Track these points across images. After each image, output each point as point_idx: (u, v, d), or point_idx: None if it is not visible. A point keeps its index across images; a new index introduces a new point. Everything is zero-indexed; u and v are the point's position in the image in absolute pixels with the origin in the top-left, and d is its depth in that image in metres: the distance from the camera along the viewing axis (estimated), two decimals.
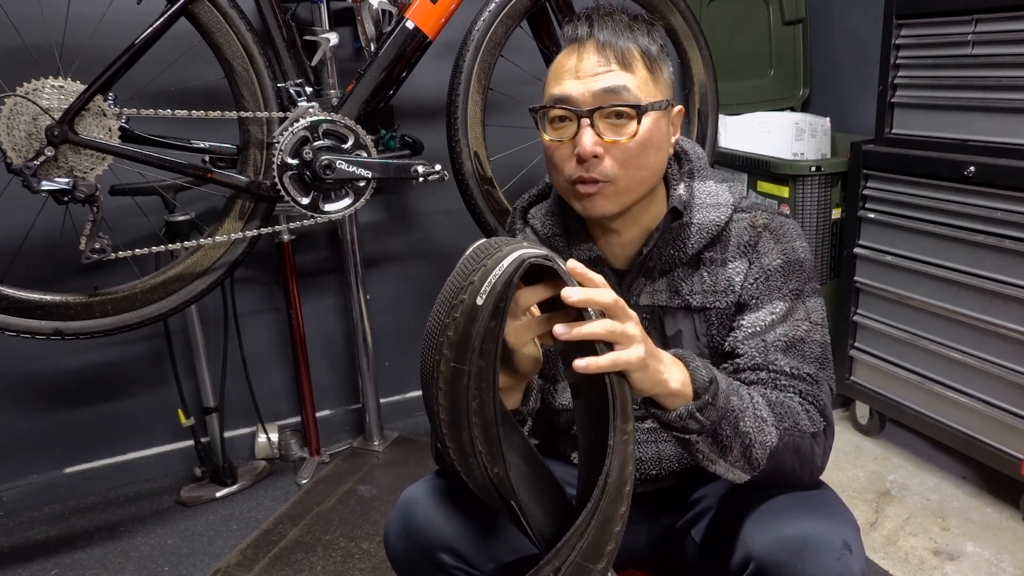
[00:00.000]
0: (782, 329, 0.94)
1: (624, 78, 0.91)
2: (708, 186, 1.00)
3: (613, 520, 0.74)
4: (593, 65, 0.92)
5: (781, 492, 0.90)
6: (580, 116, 0.91)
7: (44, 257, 1.72)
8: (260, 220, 1.59)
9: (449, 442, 0.73)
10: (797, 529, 0.83)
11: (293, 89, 1.58)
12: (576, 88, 0.92)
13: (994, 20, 1.55)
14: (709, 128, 1.97)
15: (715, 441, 0.83)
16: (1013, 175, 1.52)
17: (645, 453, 1.05)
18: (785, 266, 0.96)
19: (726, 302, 0.98)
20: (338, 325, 2.16)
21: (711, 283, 0.99)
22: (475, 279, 0.70)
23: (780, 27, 2.42)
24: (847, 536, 0.83)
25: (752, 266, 0.97)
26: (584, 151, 0.91)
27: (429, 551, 0.96)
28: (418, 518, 0.97)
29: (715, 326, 0.99)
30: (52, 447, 1.95)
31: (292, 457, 2.07)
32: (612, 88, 0.91)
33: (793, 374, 0.92)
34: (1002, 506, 1.69)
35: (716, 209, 0.98)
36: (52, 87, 1.34)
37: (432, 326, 0.72)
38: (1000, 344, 1.61)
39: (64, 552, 1.74)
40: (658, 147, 0.94)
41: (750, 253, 0.98)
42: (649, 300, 1.01)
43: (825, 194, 1.98)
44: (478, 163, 1.69)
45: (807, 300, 0.97)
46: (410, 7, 1.61)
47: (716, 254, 0.99)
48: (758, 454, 0.85)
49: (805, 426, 0.88)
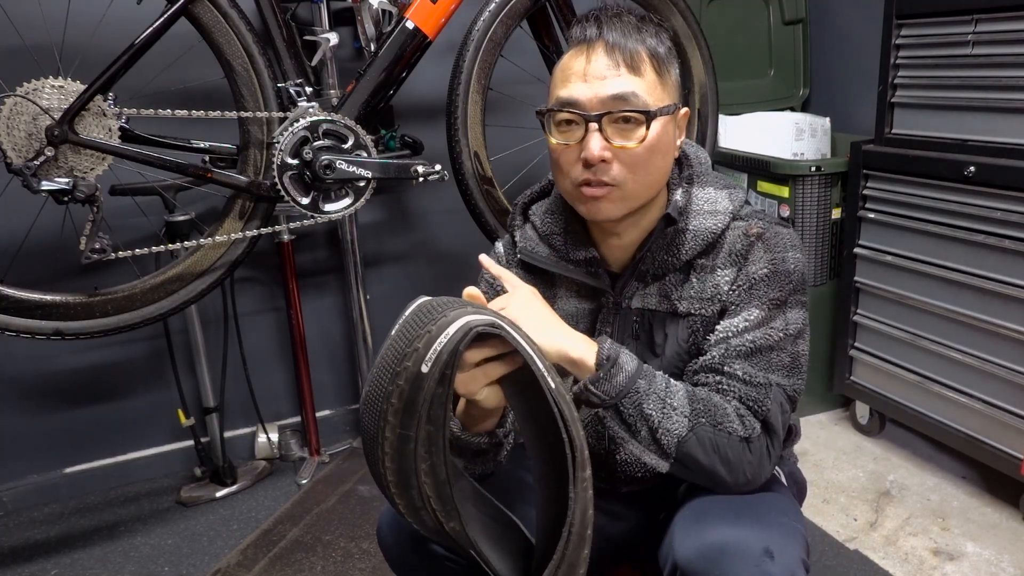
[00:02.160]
0: (751, 336, 0.93)
1: (633, 83, 0.90)
2: (707, 193, 0.99)
3: (578, 565, 0.74)
4: (602, 68, 0.91)
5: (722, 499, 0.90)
6: (588, 120, 0.90)
7: (44, 257, 1.72)
8: (260, 220, 1.59)
9: (398, 499, 0.72)
10: (718, 536, 0.83)
11: (293, 89, 1.58)
12: (584, 92, 0.91)
13: (994, 20, 1.55)
14: (709, 128, 1.97)
15: (620, 419, 0.88)
16: (1013, 175, 1.52)
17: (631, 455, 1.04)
18: (770, 276, 0.94)
19: (712, 310, 0.97)
20: (338, 325, 2.16)
21: (699, 290, 0.98)
22: (419, 346, 0.68)
23: (780, 27, 2.42)
24: (772, 543, 0.82)
25: (740, 274, 0.96)
26: (592, 156, 0.90)
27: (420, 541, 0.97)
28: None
29: (700, 333, 0.98)
30: (52, 447, 1.95)
31: (292, 457, 2.07)
32: (621, 94, 0.90)
33: (744, 380, 0.91)
34: (1002, 506, 1.69)
35: (713, 216, 0.97)
36: (52, 87, 1.34)
37: (374, 391, 0.69)
38: (1000, 344, 1.61)
39: (64, 552, 1.74)
40: (665, 152, 0.94)
41: (740, 261, 0.96)
42: (640, 303, 1.01)
43: (825, 194, 1.98)
44: (478, 163, 1.69)
45: (788, 311, 0.95)
46: (410, 7, 1.61)
47: (708, 261, 0.98)
48: (665, 440, 0.87)
49: (732, 428, 0.88)
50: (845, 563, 1.55)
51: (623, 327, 1.02)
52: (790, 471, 1.12)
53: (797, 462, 1.18)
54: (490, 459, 0.97)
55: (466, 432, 0.93)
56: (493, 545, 0.78)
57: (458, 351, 0.68)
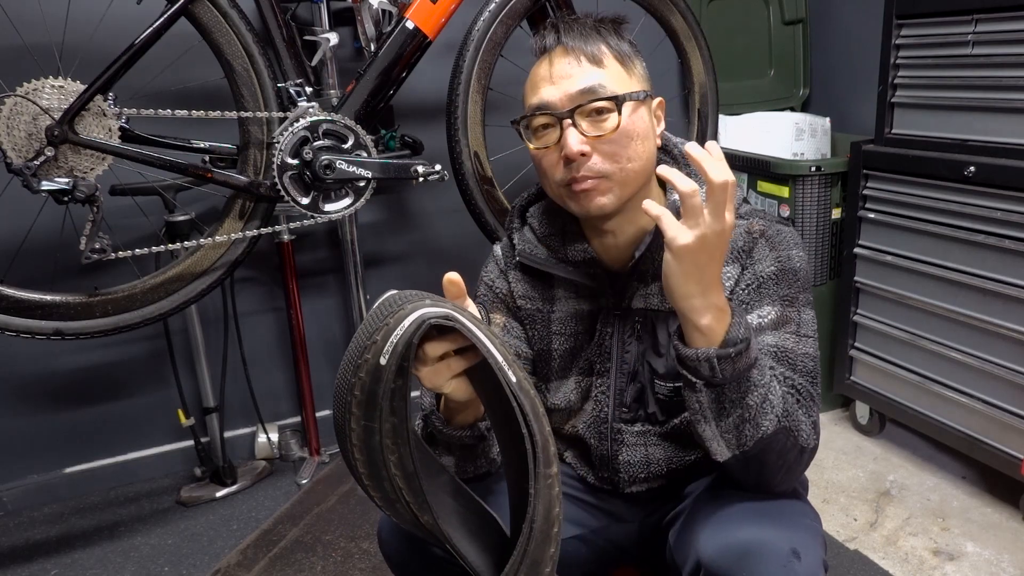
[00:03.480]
0: (772, 339, 0.93)
1: (597, 75, 0.92)
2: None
3: (542, 563, 0.73)
4: (565, 68, 0.93)
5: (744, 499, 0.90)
6: (561, 118, 0.92)
7: (44, 257, 1.72)
8: (260, 220, 1.59)
9: (373, 491, 0.73)
10: (745, 536, 0.83)
11: (293, 89, 1.58)
12: (553, 93, 0.93)
13: (994, 20, 1.55)
14: (709, 128, 1.97)
15: (717, 400, 0.83)
16: (1013, 175, 1.52)
17: (634, 456, 1.05)
18: (778, 274, 0.95)
19: None
20: (338, 325, 2.16)
21: None
22: (378, 338, 0.69)
23: (780, 27, 2.42)
24: (798, 544, 0.82)
25: (745, 272, 0.96)
26: (571, 151, 0.91)
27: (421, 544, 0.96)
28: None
29: None
30: (52, 447, 1.95)
31: (292, 457, 2.07)
32: (588, 87, 0.91)
33: (789, 385, 0.90)
34: (1002, 506, 1.69)
35: None
36: (52, 87, 1.34)
37: (340, 384, 0.71)
38: (1000, 344, 1.61)
39: (64, 552, 1.74)
40: (643, 136, 0.94)
41: (743, 259, 0.97)
42: (642, 304, 1.01)
43: (825, 194, 1.98)
44: (478, 163, 1.69)
45: (801, 311, 0.95)
46: (410, 7, 1.61)
47: None
48: (749, 433, 0.84)
49: (802, 439, 0.87)
50: (845, 563, 1.55)
51: (624, 328, 1.02)
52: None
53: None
54: (479, 455, 0.97)
55: (448, 426, 0.93)
56: (470, 540, 0.78)
57: (412, 343, 0.69)
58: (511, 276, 1.09)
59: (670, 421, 1.03)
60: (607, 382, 1.04)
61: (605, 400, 1.05)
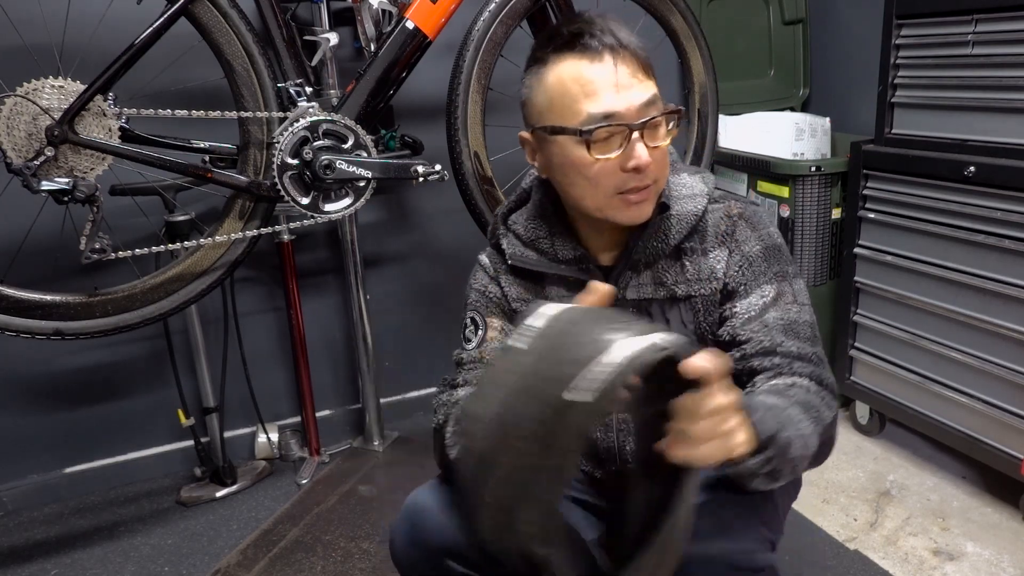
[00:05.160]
0: (775, 313, 0.97)
1: (651, 86, 0.94)
2: (682, 179, 1.03)
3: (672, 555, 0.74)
4: (626, 77, 0.92)
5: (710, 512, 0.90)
6: (634, 130, 0.91)
7: (44, 257, 1.72)
8: (260, 220, 1.59)
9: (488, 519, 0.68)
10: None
11: (293, 89, 1.58)
12: (620, 103, 0.91)
13: (994, 20, 1.55)
14: (709, 128, 1.97)
15: (771, 477, 0.85)
16: (1013, 175, 1.52)
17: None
18: (765, 251, 1.00)
19: (710, 288, 1.01)
20: (338, 325, 2.16)
21: (694, 272, 1.01)
22: (574, 372, 0.61)
23: (780, 27, 2.42)
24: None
25: (732, 254, 1.00)
26: (645, 162, 0.92)
27: (437, 558, 0.96)
28: (426, 524, 0.97)
29: (701, 313, 1.02)
30: (52, 447, 1.95)
31: (292, 457, 2.07)
32: (650, 100, 0.93)
33: (801, 355, 0.95)
34: (1002, 506, 1.69)
35: (693, 200, 1.01)
36: (52, 87, 1.34)
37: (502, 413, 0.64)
38: (1000, 344, 1.61)
39: (64, 552, 1.74)
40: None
41: (728, 242, 1.01)
42: (636, 294, 1.03)
43: (825, 194, 1.98)
44: (478, 163, 1.69)
45: (792, 282, 1.00)
46: (410, 7, 1.61)
47: (696, 244, 1.02)
48: (801, 469, 0.90)
49: (826, 415, 0.91)
50: (845, 563, 1.54)
51: None
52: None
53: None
54: None
55: None
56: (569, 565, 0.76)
57: (623, 381, 0.62)
58: (503, 280, 1.10)
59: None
60: None
61: None
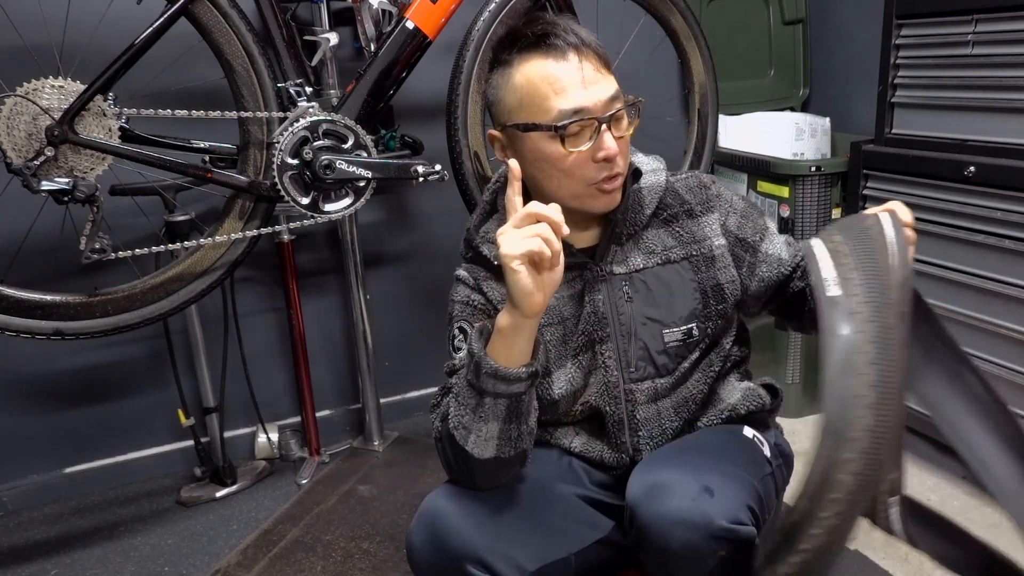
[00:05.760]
0: (787, 252, 1.14)
1: (613, 81, 1.00)
2: (639, 158, 1.12)
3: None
4: (591, 73, 0.98)
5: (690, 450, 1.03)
6: (602, 123, 0.98)
7: (44, 257, 1.72)
8: (260, 220, 1.59)
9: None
10: (662, 475, 0.93)
11: (293, 89, 1.58)
12: (588, 98, 0.97)
13: (994, 20, 1.55)
14: (709, 128, 1.97)
15: None
16: (1013, 175, 1.52)
17: (648, 412, 1.10)
18: (746, 202, 1.14)
19: (707, 246, 1.09)
20: (338, 325, 2.16)
21: (687, 235, 1.09)
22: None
23: (780, 27, 2.42)
24: (712, 483, 0.90)
25: (729, 215, 1.12)
26: (614, 151, 0.98)
27: (457, 562, 0.95)
28: (446, 528, 0.97)
29: (702, 268, 1.09)
30: (52, 447, 1.95)
31: (292, 457, 2.07)
32: (614, 94, 0.99)
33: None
34: None
35: (656, 173, 1.10)
36: (52, 87, 1.34)
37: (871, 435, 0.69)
38: (1000, 344, 1.61)
39: (64, 552, 1.74)
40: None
41: (717, 205, 1.12)
42: (624, 268, 1.08)
43: (825, 194, 1.98)
44: (478, 163, 1.69)
45: (770, 221, 1.17)
46: (410, 7, 1.61)
47: (675, 210, 1.11)
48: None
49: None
50: (845, 563, 1.54)
51: (612, 292, 1.08)
52: (776, 442, 1.16)
53: (783, 433, 1.23)
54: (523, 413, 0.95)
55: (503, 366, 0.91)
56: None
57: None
58: (485, 287, 1.11)
59: (679, 367, 1.09)
60: (610, 346, 1.08)
61: (613, 364, 1.08)
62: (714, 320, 1.09)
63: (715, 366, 1.12)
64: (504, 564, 0.96)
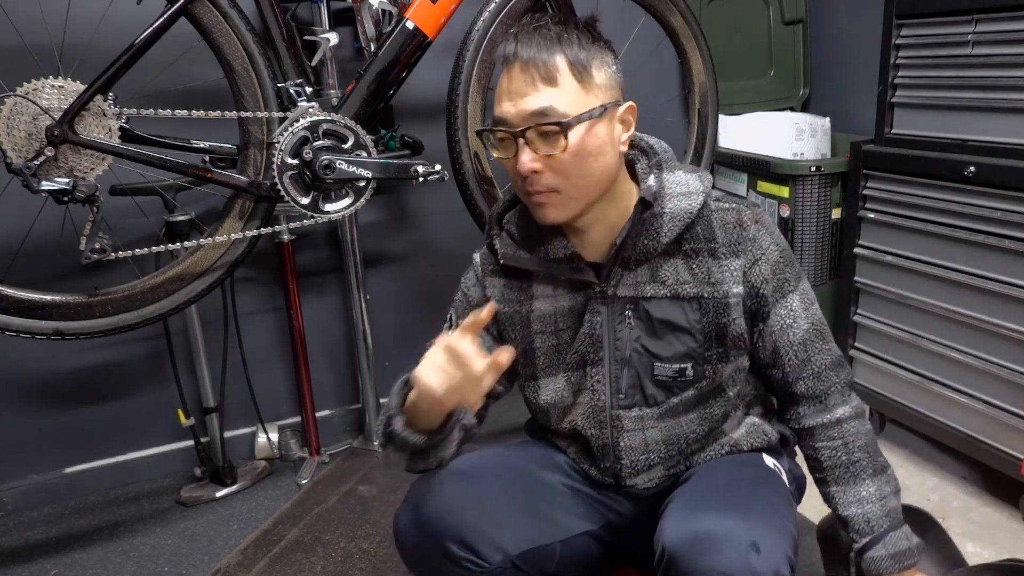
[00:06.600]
0: (807, 322, 1.05)
1: (549, 96, 0.93)
2: (677, 176, 1.03)
3: None
4: (521, 86, 0.94)
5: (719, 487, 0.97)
6: (515, 136, 0.95)
7: (44, 257, 1.72)
8: (260, 220, 1.58)
9: None
10: (705, 525, 0.88)
11: (293, 89, 1.58)
12: (510, 110, 0.95)
13: (994, 20, 1.55)
14: (709, 128, 1.97)
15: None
16: (1013, 175, 1.52)
17: (634, 441, 1.07)
18: (782, 257, 1.04)
19: (723, 291, 1.01)
20: (338, 325, 2.16)
21: (703, 274, 1.02)
22: None
23: (780, 27, 2.42)
24: (758, 537, 0.86)
25: (758, 263, 1.02)
26: (523, 169, 0.95)
27: (439, 542, 0.97)
28: (428, 509, 0.99)
29: (711, 314, 1.02)
30: (52, 447, 1.95)
31: (292, 457, 2.07)
32: (539, 109, 0.93)
33: (831, 363, 1.07)
34: (1002, 506, 1.69)
35: (688, 198, 1.01)
36: (52, 87, 1.34)
37: None
38: (1000, 344, 1.61)
39: (64, 552, 1.74)
40: (598, 153, 0.96)
41: (748, 249, 1.02)
42: (631, 291, 1.03)
43: (825, 194, 1.98)
44: (478, 163, 1.69)
45: (803, 281, 1.07)
46: (410, 7, 1.61)
47: (701, 245, 1.02)
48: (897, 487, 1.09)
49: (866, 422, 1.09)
50: None
51: (613, 316, 1.04)
52: (789, 468, 1.14)
53: (796, 457, 1.19)
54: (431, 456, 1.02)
55: (407, 430, 0.99)
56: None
57: None
58: (488, 283, 1.12)
59: (668, 401, 1.05)
60: (602, 370, 1.06)
61: (602, 389, 1.06)
62: (713, 364, 1.04)
63: (716, 411, 1.07)
64: (486, 546, 0.98)
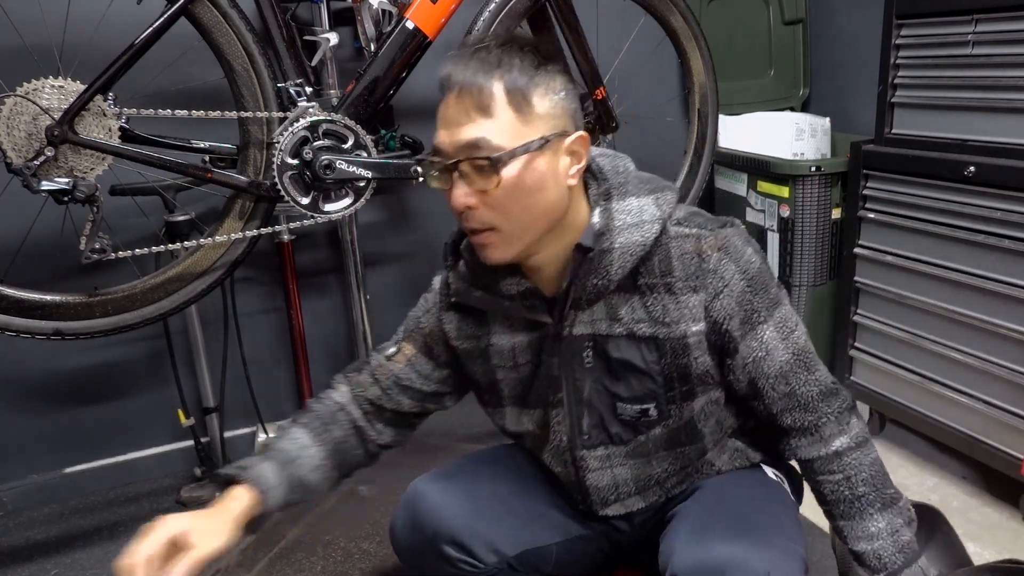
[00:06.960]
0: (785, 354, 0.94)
1: (482, 128, 0.85)
2: (628, 204, 0.92)
3: None
4: (455, 114, 0.87)
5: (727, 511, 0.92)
6: (448, 168, 0.88)
7: (44, 257, 1.72)
8: (260, 220, 1.58)
9: None
10: (719, 554, 0.84)
11: (293, 89, 1.58)
12: (444, 140, 0.88)
13: (994, 20, 1.55)
14: (709, 128, 1.97)
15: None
16: (1013, 175, 1.52)
17: (600, 480, 1.03)
18: (751, 284, 0.93)
19: (680, 331, 0.93)
20: (338, 325, 2.16)
21: (658, 313, 0.93)
22: None
23: (780, 27, 2.42)
24: (773, 566, 0.84)
25: (718, 298, 0.92)
26: (456, 204, 0.88)
27: (434, 543, 0.97)
28: (424, 510, 0.99)
29: (668, 355, 0.95)
30: (52, 447, 1.95)
31: None
32: (471, 141, 0.86)
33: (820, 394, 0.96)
34: (1002, 506, 1.69)
35: (639, 228, 0.91)
36: (52, 87, 1.34)
37: None
38: (1000, 344, 1.61)
39: (64, 552, 1.74)
40: (538, 188, 0.88)
41: (708, 283, 0.92)
42: (588, 329, 0.96)
43: (825, 194, 1.98)
44: None
45: (781, 307, 0.96)
46: (410, 7, 1.61)
47: (656, 279, 0.93)
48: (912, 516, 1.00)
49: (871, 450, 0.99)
50: None
51: (569, 354, 0.98)
52: (788, 469, 1.13)
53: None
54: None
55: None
56: None
57: None
58: (444, 317, 1.06)
59: (635, 439, 1.00)
60: (562, 412, 1.01)
61: (562, 430, 1.02)
62: (678, 403, 0.97)
63: (690, 452, 1.01)
64: (481, 546, 0.97)
